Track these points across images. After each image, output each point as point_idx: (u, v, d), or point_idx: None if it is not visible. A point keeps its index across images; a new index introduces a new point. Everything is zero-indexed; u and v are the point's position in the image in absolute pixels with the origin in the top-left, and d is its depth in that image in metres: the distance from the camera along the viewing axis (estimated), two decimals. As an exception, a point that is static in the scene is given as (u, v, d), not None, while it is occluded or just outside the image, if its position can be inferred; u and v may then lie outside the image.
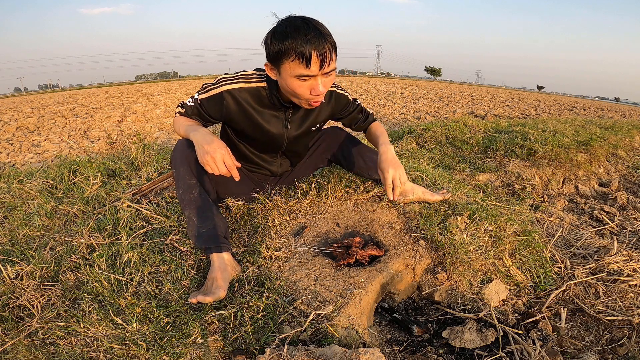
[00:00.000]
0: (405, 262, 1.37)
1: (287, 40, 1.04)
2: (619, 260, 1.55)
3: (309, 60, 1.05)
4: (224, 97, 1.24)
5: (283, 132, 1.37)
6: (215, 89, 1.25)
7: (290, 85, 1.13)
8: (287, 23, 1.07)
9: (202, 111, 1.29)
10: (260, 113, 1.30)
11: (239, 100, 1.25)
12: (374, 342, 1.13)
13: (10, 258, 1.31)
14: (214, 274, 1.19)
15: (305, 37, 1.03)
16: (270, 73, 1.18)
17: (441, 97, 18.92)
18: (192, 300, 1.08)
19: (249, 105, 1.27)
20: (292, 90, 1.15)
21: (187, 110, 1.30)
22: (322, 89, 1.13)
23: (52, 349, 0.99)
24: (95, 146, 5.04)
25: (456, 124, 4.12)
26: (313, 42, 1.04)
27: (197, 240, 1.28)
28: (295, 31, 1.04)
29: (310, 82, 1.11)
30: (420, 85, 35.71)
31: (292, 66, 1.08)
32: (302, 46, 1.03)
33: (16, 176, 2.13)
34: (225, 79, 1.26)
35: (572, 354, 1.14)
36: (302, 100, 1.19)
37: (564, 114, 13.81)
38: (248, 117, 1.29)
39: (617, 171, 3.55)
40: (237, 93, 1.24)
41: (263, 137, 1.37)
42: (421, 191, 1.64)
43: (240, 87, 1.25)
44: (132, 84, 52.11)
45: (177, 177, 1.32)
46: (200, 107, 1.29)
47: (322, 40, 1.06)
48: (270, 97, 1.26)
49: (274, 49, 1.07)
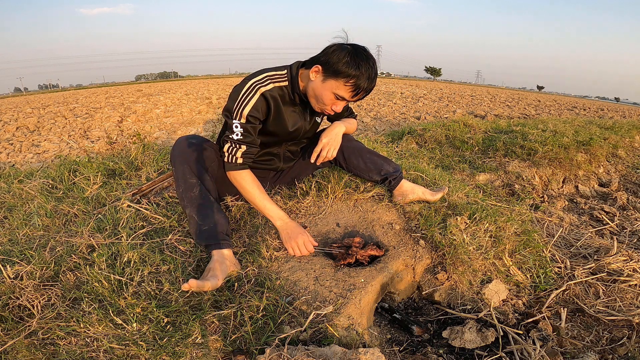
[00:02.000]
0: (405, 262, 1.37)
1: (357, 70, 1.21)
2: (619, 260, 1.55)
3: (356, 94, 1.25)
4: (265, 98, 1.31)
5: (301, 125, 1.47)
6: (253, 94, 1.30)
7: (323, 95, 1.28)
8: (363, 55, 1.22)
9: (255, 124, 1.33)
10: (285, 109, 1.39)
11: (273, 99, 1.34)
12: (374, 342, 1.13)
13: (10, 258, 1.31)
14: (212, 265, 1.22)
15: (368, 75, 1.22)
16: (313, 74, 1.28)
17: (441, 97, 18.91)
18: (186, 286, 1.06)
19: (279, 103, 1.36)
20: (320, 97, 1.30)
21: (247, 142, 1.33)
22: (340, 109, 1.33)
23: (52, 349, 0.99)
24: (95, 146, 5.04)
25: (456, 124, 4.12)
26: (369, 82, 1.24)
27: (198, 237, 1.30)
28: (365, 67, 1.21)
29: (339, 102, 1.30)
30: (420, 85, 35.71)
31: (340, 86, 1.24)
32: (361, 81, 1.22)
33: (16, 176, 2.13)
34: (257, 82, 1.31)
35: (572, 354, 1.14)
36: (318, 106, 1.34)
37: (564, 114, 13.81)
38: (278, 114, 1.37)
39: (617, 171, 3.55)
40: (270, 94, 1.32)
41: (282, 131, 1.44)
42: (421, 191, 1.64)
43: (271, 88, 1.33)
44: (132, 84, 52.11)
45: (177, 176, 1.34)
46: (254, 122, 1.32)
47: (374, 83, 1.26)
48: (292, 94, 1.37)
49: (340, 67, 1.21)
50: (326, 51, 1.26)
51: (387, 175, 1.63)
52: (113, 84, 64.90)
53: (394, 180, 1.63)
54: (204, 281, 1.12)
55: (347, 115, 1.64)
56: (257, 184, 1.38)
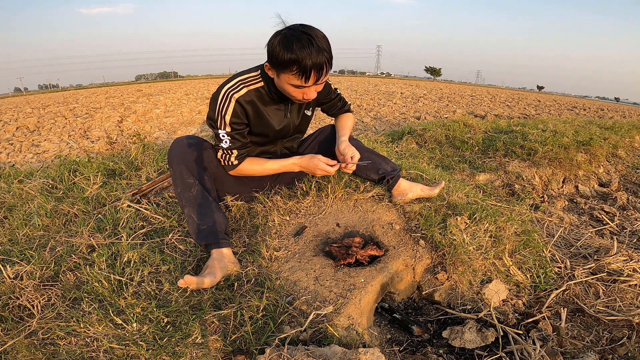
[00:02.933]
0: (405, 262, 1.37)
1: (291, 54, 1.12)
2: (619, 260, 1.55)
3: (308, 76, 1.17)
4: (240, 104, 1.31)
5: (288, 122, 1.47)
6: (228, 103, 1.30)
7: (286, 89, 1.25)
8: (294, 36, 1.13)
9: (240, 129, 1.35)
10: (266, 110, 1.39)
11: (250, 102, 1.33)
12: (374, 342, 1.13)
13: (10, 258, 1.31)
14: (211, 263, 1.22)
15: (307, 53, 1.12)
16: (269, 72, 1.27)
17: (441, 97, 18.91)
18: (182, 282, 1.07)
19: (258, 105, 1.35)
20: (286, 92, 1.27)
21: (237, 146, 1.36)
22: (313, 95, 1.27)
23: (52, 349, 0.99)
24: (95, 146, 5.04)
25: (456, 124, 4.12)
26: (313, 59, 1.13)
27: (197, 237, 1.31)
28: (299, 47, 1.12)
29: (304, 89, 1.24)
30: (420, 85, 35.70)
31: (290, 77, 1.19)
32: (304, 63, 1.13)
33: (16, 176, 2.14)
34: (230, 89, 1.30)
35: (572, 354, 1.14)
36: (294, 99, 1.31)
37: (564, 114, 13.80)
38: (259, 116, 1.38)
39: (617, 171, 3.55)
40: (246, 97, 1.32)
41: (270, 131, 1.44)
42: (419, 188, 1.65)
43: (246, 92, 1.32)
44: (132, 84, 52.10)
45: (175, 176, 1.34)
46: (236, 128, 1.34)
47: (321, 57, 1.15)
48: (270, 94, 1.36)
49: (278, 57, 1.15)
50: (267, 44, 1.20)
51: (385, 174, 1.63)
52: (113, 84, 64.88)
53: (392, 179, 1.63)
54: (202, 278, 1.12)
55: (340, 106, 1.65)
56: (258, 161, 1.45)
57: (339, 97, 1.64)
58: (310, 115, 1.57)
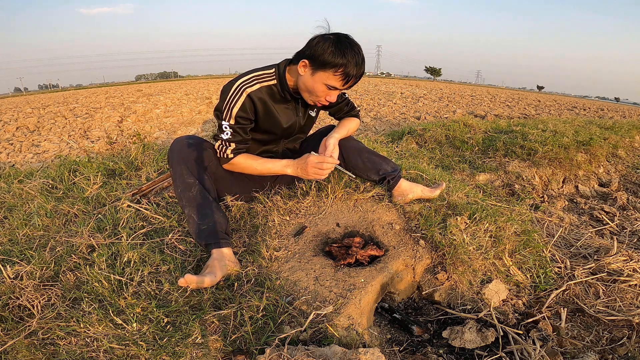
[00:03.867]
0: (405, 262, 1.37)
1: (343, 58, 1.21)
2: (619, 260, 1.55)
3: (347, 81, 1.26)
4: (251, 98, 1.33)
5: (295, 121, 1.49)
6: (239, 96, 1.31)
7: (315, 87, 1.29)
8: (347, 44, 1.23)
9: (245, 124, 1.36)
10: (276, 108, 1.41)
11: (261, 99, 1.35)
12: (374, 342, 1.13)
13: (10, 258, 1.31)
14: (211, 262, 1.23)
15: (355, 62, 1.23)
16: (302, 69, 1.29)
17: (441, 97, 18.90)
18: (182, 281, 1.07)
19: (268, 102, 1.37)
20: (312, 89, 1.30)
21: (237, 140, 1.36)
22: (334, 98, 1.34)
23: (52, 349, 0.99)
24: (95, 146, 5.04)
25: (456, 124, 4.12)
26: (357, 67, 1.24)
27: (197, 237, 1.31)
28: (351, 54, 1.22)
29: (331, 91, 1.30)
30: (420, 85, 35.69)
31: (330, 77, 1.24)
32: (350, 69, 1.23)
33: (16, 176, 2.14)
34: (244, 83, 1.33)
35: (572, 354, 1.14)
36: (311, 99, 1.35)
37: (564, 114, 13.80)
38: (268, 112, 1.39)
39: (617, 171, 3.55)
40: (258, 94, 1.34)
41: (277, 129, 1.46)
42: (420, 189, 1.65)
43: (258, 88, 1.34)
44: (132, 84, 52.09)
45: (175, 176, 1.35)
46: (240, 123, 1.34)
47: (363, 68, 1.26)
48: (281, 92, 1.38)
49: (326, 58, 1.22)
50: (310, 44, 1.27)
51: (386, 174, 1.63)
52: (113, 84, 64.88)
53: (392, 179, 1.63)
54: (202, 277, 1.13)
55: (347, 111, 1.64)
56: (252, 158, 1.43)
57: (346, 102, 1.64)
58: (315, 116, 1.58)
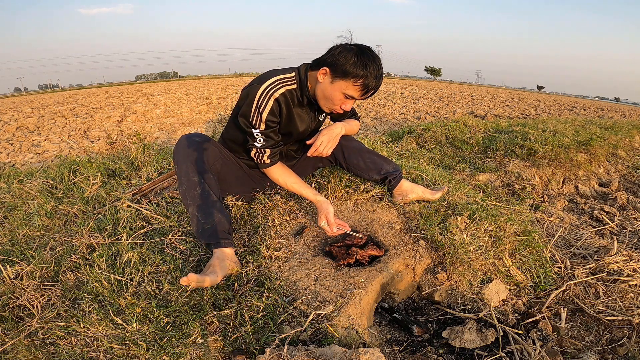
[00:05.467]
0: (405, 262, 1.37)
1: (364, 70, 1.24)
2: (619, 260, 1.55)
3: (366, 92, 1.29)
4: (279, 102, 1.35)
5: (309, 125, 1.50)
6: (267, 101, 1.33)
7: (333, 95, 1.31)
8: (370, 57, 1.26)
9: (274, 127, 1.38)
10: (295, 111, 1.43)
11: (286, 103, 1.37)
12: (374, 342, 1.13)
13: (10, 258, 1.31)
14: (212, 262, 1.23)
15: (375, 75, 1.26)
16: (321, 76, 1.32)
17: (441, 97, 18.90)
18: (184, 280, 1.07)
19: (291, 105, 1.39)
20: (330, 97, 1.33)
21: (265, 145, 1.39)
22: (349, 108, 1.37)
23: (52, 349, 0.99)
24: (95, 146, 5.04)
25: (456, 124, 4.12)
26: (377, 80, 1.28)
27: (200, 236, 1.31)
28: (373, 67, 1.25)
29: (348, 100, 1.33)
30: (420, 85, 35.69)
31: (349, 87, 1.27)
32: (370, 81, 1.26)
33: (16, 176, 2.13)
34: (271, 88, 1.34)
35: (572, 354, 1.14)
36: (327, 106, 1.38)
37: (564, 114, 13.80)
38: (290, 116, 1.41)
39: (617, 171, 3.55)
40: (283, 98, 1.36)
41: (294, 132, 1.47)
42: (421, 190, 1.65)
43: (283, 92, 1.36)
44: (132, 84, 52.08)
45: (180, 174, 1.34)
46: (270, 127, 1.36)
47: (381, 81, 1.31)
48: (301, 97, 1.40)
49: (348, 68, 1.24)
50: (332, 52, 1.28)
51: (387, 174, 1.63)
52: (113, 84, 64.86)
53: (393, 179, 1.63)
54: (204, 276, 1.13)
55: (349, 116, 1.65)
56: (287, 173, 1.47)
57: (352, 111, 1.66)
58: (322, 120, 1.60)
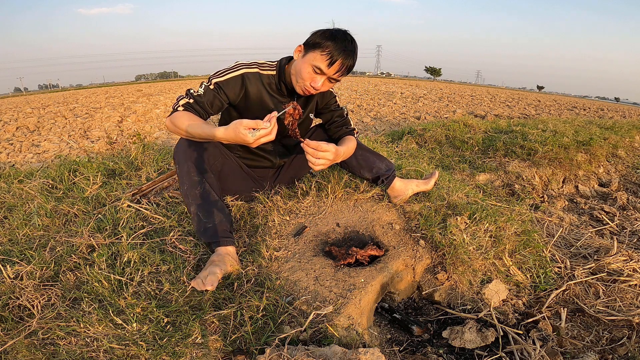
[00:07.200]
0: (405, 262, 1.37)
1: (331, 41, 1.26)
2: (619, 260, 1.55)
3: (332, 63, 1.27)
4: (244, 79, 1.34)
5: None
6: (234, 72, 1.34)
7: (302, 69, 1.30)
8: (339, 32, 1.29)
9: (219, 94, 1.33)
10: (271, 98, 1.40)
11: (255, 84, 1.36)
12: (374, 342, 1.13)
13: (10, 258, 1.31)
14: (213, 258, 1.24)
15: (343, 47, 1.26)
16: (297, 54, 1.34)
17: (441, 97, 18.90)
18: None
19: (264, 89, 1.38)
20: (299, 72, 1.31)
21: (197, 98, 1.31)
22: (319, 85, 1.31)
23: (52, 349, 0.98)
24: (95, 146, 5.05)
25: (456, 124, 4.12)
26: (345, 54, 1.27)
27: (202, 235, 1.31)
28: (340, 39, 1.26)
29: (317, 76, 1.29)
30: (420, 85, 35.70)
31: (316, 57, 1.27)
32: (336, 51, 1.26)
33: (16, 176, 2.13)
34: (243, 64, 1.36)
35: (572, 354, 1.14)
36: (299, 85, 1.34)
37: (564, 114, 13.80)
38: (261, 101, 1.39)
39: (617, 171, 3.55)
40: (254, 77, 1.35)
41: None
42: (414, 184, 1.67)
43: (256, 72, 1.36)
44: (132, 84, 52.12)
45: (181, 174, 1.34)
46: (217, 90, 1.33)
47: (350, 57, 1.29)
48: (279, 84, 1.39)
49: (317, 40, 1.27)
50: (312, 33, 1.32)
51: (379, 174, 1.61)
52: (113, 84, 64.89)
53: (386, 179, 1.61)
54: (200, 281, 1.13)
55: (341, 123, 1.57)
56: (193, 117, 1.27)
57: (340, 112, 1.58)
58: (312, 118, 1.58)
